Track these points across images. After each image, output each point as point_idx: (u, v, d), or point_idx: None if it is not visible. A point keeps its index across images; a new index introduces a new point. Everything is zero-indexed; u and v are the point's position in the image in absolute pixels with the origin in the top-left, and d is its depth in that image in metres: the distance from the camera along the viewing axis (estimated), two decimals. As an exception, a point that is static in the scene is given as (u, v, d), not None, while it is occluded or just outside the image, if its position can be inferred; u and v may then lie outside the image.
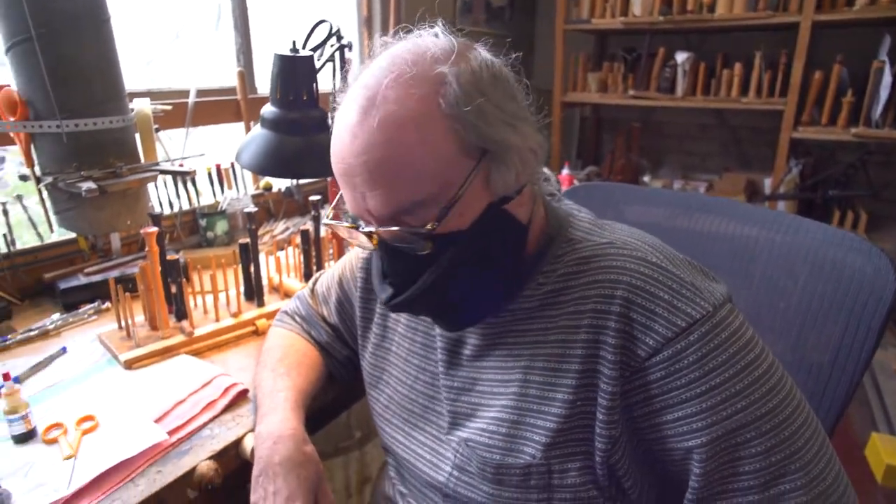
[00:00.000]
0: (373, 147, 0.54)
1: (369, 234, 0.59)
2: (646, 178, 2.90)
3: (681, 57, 2.58)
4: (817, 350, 0.79)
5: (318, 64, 1.09)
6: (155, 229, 0.97)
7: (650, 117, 3.09)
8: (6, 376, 0.77)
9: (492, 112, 0.55)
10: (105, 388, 0.91)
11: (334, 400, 0.95)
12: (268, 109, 0.98)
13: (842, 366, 0.76)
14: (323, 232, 1.34)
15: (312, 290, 0.94)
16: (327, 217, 0.67)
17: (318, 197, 1.25)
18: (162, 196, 1.49)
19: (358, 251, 0.84)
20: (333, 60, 1.17)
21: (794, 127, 2.33)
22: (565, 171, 2.62)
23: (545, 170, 0.71)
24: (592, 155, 3.30)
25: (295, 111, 0.98)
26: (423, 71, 0.54)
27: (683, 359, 0.55)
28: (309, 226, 1.26)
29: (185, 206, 1.54)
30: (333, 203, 0.67)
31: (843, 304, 0.76)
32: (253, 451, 0.81)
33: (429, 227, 0.56)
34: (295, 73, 0.95)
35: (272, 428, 0.72)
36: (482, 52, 0.59)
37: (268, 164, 0.96)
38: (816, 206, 2.42)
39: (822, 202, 2.41)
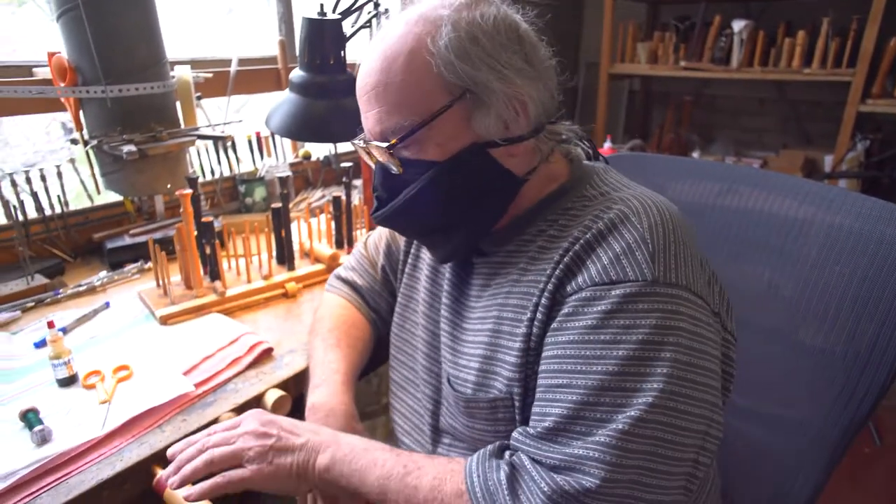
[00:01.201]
0: (372, 73, 0.62)
1: (366, 151, 0.66)
2: (695, 155, 2.78)
3: (738, 25, 2.43)
4: (863, 340, 0.74)
5: (353, 29, 1.10)
6: (189, 191, 1.00)
7: (703, 90, 2.95)
8: (51, 324, 0.82)
9: (480, 57, 0.60)
10: (141, 341, 0.96)
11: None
12: (296, 73, 0.99)
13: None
14: (355, 200, 1.36)
15: (367, 240, 0.99)
16: (356, 139, 0.71)
17: (349, 164, 1.27)
18: (203, 163, 1.54)
19: None
20: (370, 26, 1.17)
21: (861, 100, 2.17)
22: (607, 145, 2.54)
23: (574, 128, 0.72)
24: (640, 130, 3.18)
25: (322, 75, 0.98)
26: (427, 14, 0.61)
27: (593, 305, 0.57)
28: (341, 193, 1.28)
29: (226, 173, 1.59)
30: None
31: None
32: (273, 405, 0.84)
33: (391, 141, 0.62)
34: (322, 37, 0.96)
35: (324, 401, 0.77)
36: (498, 8, 0.63)
37: (295, 127, 0.98)
38: (882, 186, 2.26)
39: (889, 181, 2.25)
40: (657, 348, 0.54)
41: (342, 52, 1.00)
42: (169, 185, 1.22)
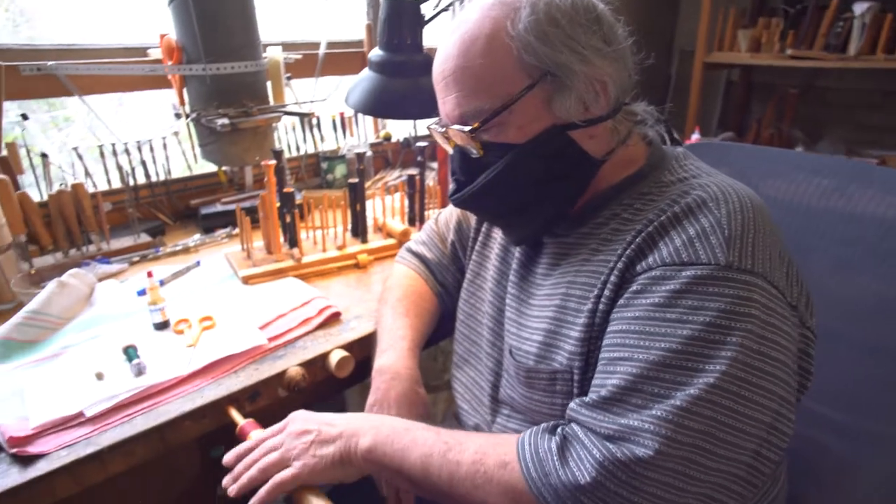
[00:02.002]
0: (450, 58, 0.64)
1: (444, 135, 0.68)
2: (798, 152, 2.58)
3: (860, 7, 2.20)
4: None
5: (433, 11, 1.13)
6: (274, 162, 1.08)
7: (812, 82, 2.72)
8: (149, 274, 0.93)
9: (559, 39, 0.60)
10: (224, 296, 1.05)
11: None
12: (375, 53, 1.04)
13: None
14: (430, 181, 1.40)
15: (438, 217, 1.03)
16: (431, 122, 0.74)
17: (424, 144, 1.30)
18: (290, 140, 1.63)
19: None
20: (449, 10, 1.20)
21: None
22: (695, 136, 2.42)
23: (650, 109, 0.71)
24: (736, 124, 3.00)
25: (400, 54, 1.02)
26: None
27: (662, 284, 0.57)
28: (416, 172, 1.32)
29: (310, 150, 1.68)
30: None
31: None
32: (337, 364, 0.90)
33: (473, 125, 0.62)
34: (401, 17, 0.99)
35: (390, 364, 0.81)
36: None
37: (372, 103, 1.02)
38: None
39: None
40: (724, 332, 0.53)
41: (419, 33, 1.03)
42: (257, 157, 1.31)
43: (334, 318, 1.00)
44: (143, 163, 1.38)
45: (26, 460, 0.67)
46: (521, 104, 0.61)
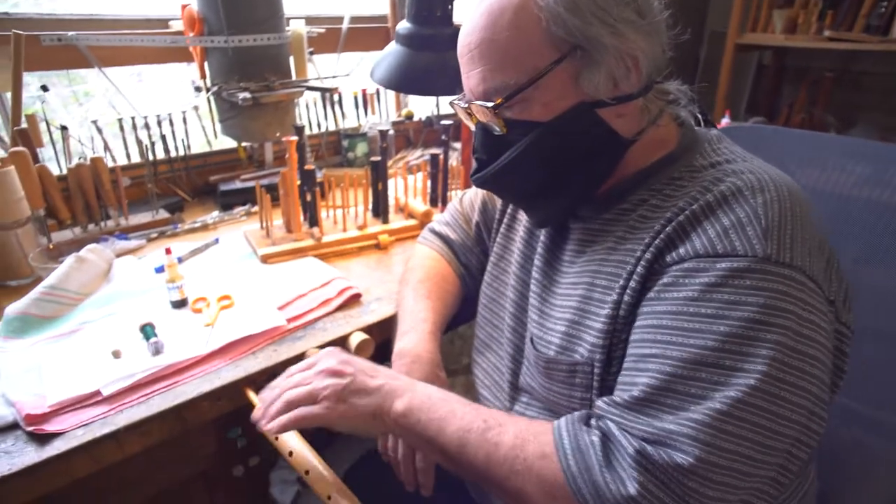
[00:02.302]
0: (476, 30, 0.60)
1: (467, 111, 0.65)
2: (830, 137, 2.48)
3: (903, -11, 2.11)
4: None
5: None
6: (295, 138, 1.05)
7: (848, 65, 2.62)
8: (168, 251, 0.90)
9: (591, 11, 0.56)
10: (243, 275, 1.03)
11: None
12: (402, 25, 0.99)
13: None
14: (453, 161, 1.36)
15: (462, 197, 0.99)
16: (454, 98, 0.70)
17: (449, 122, 1.26)
18: (311, 116, 1.60)
19: None
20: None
21: None
22: (724, 121, 2.34)
23: (683, 88, 0.67)
24: (767, 108, 2.90)
25: (428, 27, 0.98)
26: None
27: (695, 277, 0.54)
28: (439, 152, 1.28)
29: (331, 128, 1.65)
30: None
31: None
32: (357, 347, 0.87)
33: (497, 101, 0.59)
34: (430, -12, 0.95)
35: (411, 347, 0.79)
36: None
37: (398, 78, 0.98)
38: None
39: None
40: (762, 329, 0.50)
41: (449, 6, 0.99)
42: (278, 133, 1.28)
43: (354, 300, 0.97)
44: (163, 137, 1.35)
45: (43, 438, 0.66)
46: (548, 79, 0.58)
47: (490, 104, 0.60)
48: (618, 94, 0.59)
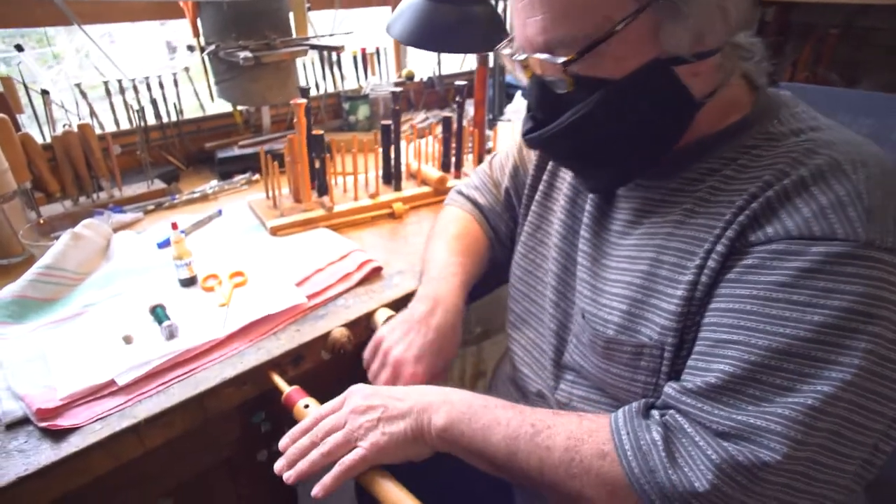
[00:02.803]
0: None
1: (523, 64, 0.58)
2: (834, 96, 2.44)
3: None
4: None
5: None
6: (304, 101, 0.97)
7: (855, 21, 2.55)
8: (174, 225, 0.83)
9: None
10: (253, 249, 0.96)
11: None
12: (421, -24, 0.91)
13: None
14: (464, 122, 1.28)
15: (492, 160, 0.94)
16: (500, 47, 0.63)
17: (462, 83, 1.19)
18: (309, 78, 1.51)
19: None
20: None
21: None
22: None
23: (757, 41, 0.59)
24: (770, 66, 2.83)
25: (450, -24, 0.89)
26: None
27: (786, 261, 0.49)
28: (451, 114, 1.21)
29: (330, 90, 1.55)
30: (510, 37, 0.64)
31: None
32: (384, 324, 0.82)
33: (568, 57, 0.52)
34: (453, -70, 0.86)
35: (438, 293, 0.75)
36: None
37: (420, 34, 0.90)
38: None
39: None
40: (862, 320, 0.46)
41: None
42: (279, 96, 1.19)
43: (375, 274, 0.92)
44: (153, 102, 1.26)
45: (58, 435, 0.60)
46: (624, 33, 0.50)
47: (559, 59, 0.53)
48: (700, 49, 0.52)
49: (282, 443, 0.61)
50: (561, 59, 0.52)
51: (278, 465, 0.60)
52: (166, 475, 0.73)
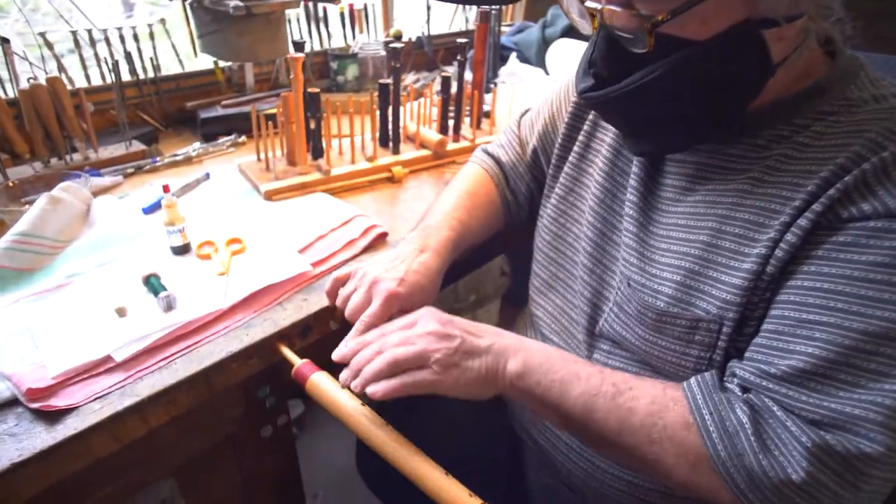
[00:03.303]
0: None
1: (591, 12, 0.52)
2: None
3: None
4: None
5: None
6: (301, 55, 0.90)
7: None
8: (166, 188, 0.77)
9: None
10: (247, 215, 0.90)
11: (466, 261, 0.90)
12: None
13: None
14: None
15: (521, 118, 0.90)
16: None
17: (464, 40, 1.12)
18: (294, 35, 1.42)
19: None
20: None
21: None
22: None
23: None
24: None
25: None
26: None
27: (885, 240, 0.46)
28: (451, 72, 1.15)
29: (316, 48, 1.47)
30: None
31: None
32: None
33: (659, 17, 0.47)
34: None
35: (428, 240, 0.72)
36: None
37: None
38: None
39: None
40: None
41: None
42: (268, 52, 1.11)
43: (380, 240, 0.87)
44: (128, 56, 1.16)
45: (53, 416, 0.55)
46: None
47: (646, 13, 0.47)
48: (794, 12, 0.47)
49: (337, 354, 0.60)
50: (653, 18, 0.47)
51: (344, 375, 0.57)
52: (169, 455, 0.69)
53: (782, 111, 0.54)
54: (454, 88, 1.16)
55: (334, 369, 0.64)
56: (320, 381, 0.63)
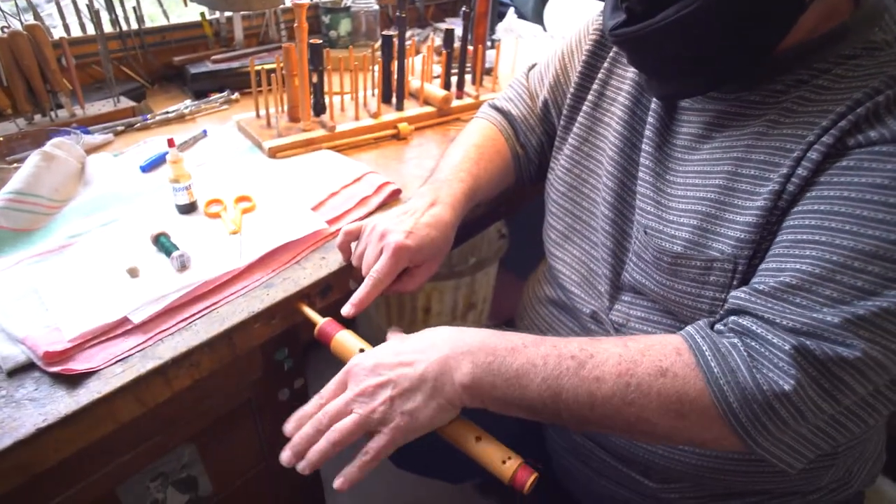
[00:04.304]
0: None
1: None
2: None
3: None
4: None
5: None
6: (306, 2, 0.85)
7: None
8: (171, 143, 0.73)
9: None
10: (253, 172, 0.87)
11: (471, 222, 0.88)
12: None
13: None
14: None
15: (529, 71, 0.87)
16: None
17: (469, -10, 1.08)
18: (284, -16, 1.34)
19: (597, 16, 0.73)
20: None
21: None
22: None
23: None
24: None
25: None
26: None
27: (887, 162, 0.45)
28: (456, 26, 1.10)
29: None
30: None
31: None
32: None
33: None
34: None
35: (440, 193, 0.70)
36: None
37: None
38: None
39: None
40: None
41: None
42: (271, 7, 1.05)
43: (394, 197, 0.85)
44: (110, 4, 1.08)
45: (72, 380, 0.52)
46: None
47: None
48: None
49: (286, 427, 0.55)
50: None
51: (284, 456, 0.53)
52: (189, 419, 0.67)
53: (803, 55, 0.52)
54: (457, 43, 1.12)
55: (352, 328, 0.63)
56: (344, 340, 0.61)
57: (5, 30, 0.93)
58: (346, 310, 0.63)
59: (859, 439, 0.64)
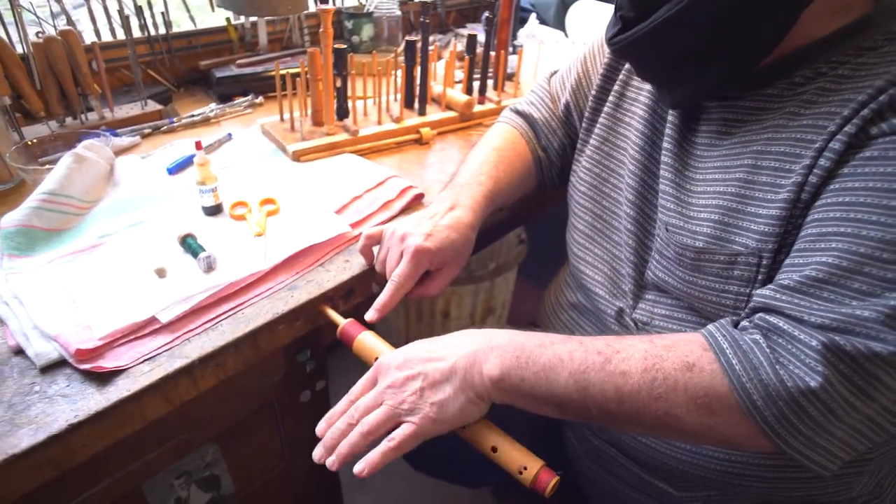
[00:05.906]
0: None
1: None
2: None
3: None
4: None
5: None
6: (332, 7, 0.86)
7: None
8: (198, 145, 0.74)
9: None
10: (277, 175, 0.88)
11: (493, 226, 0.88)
12: None
13: None
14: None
15: (550, 77, 0.87)
16: None
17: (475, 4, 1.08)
18: (308, -10, 1.36)
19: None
20: None
21: None
22: None
23: None
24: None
25: None
26: None
27: None
28: (478, 32, 1.11)
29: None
30: None
31: None
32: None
33: None
34: None
35: (460, 196, 0.70)
36: None
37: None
38: None
39: None
40: None
41: None
42: (290, 7, 1.07)
43: (417, 201, 0.85)
44: (139, 10, 1.11)
45: (102, 378, 0.53)
46: None
47: None
48: None
49: (318, 427, 0.55)
50: None
51: (317, 453, 0.54)
52: (213, 419, 0.67)
53: (819, 50, 0.51)
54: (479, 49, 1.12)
55: (375, 332, 0.63)
56: (367, 341, 0.61)
57: (40, 35, 0.95)
58: (370, 315, 0.63)
59: (890, 446, 0.62)
